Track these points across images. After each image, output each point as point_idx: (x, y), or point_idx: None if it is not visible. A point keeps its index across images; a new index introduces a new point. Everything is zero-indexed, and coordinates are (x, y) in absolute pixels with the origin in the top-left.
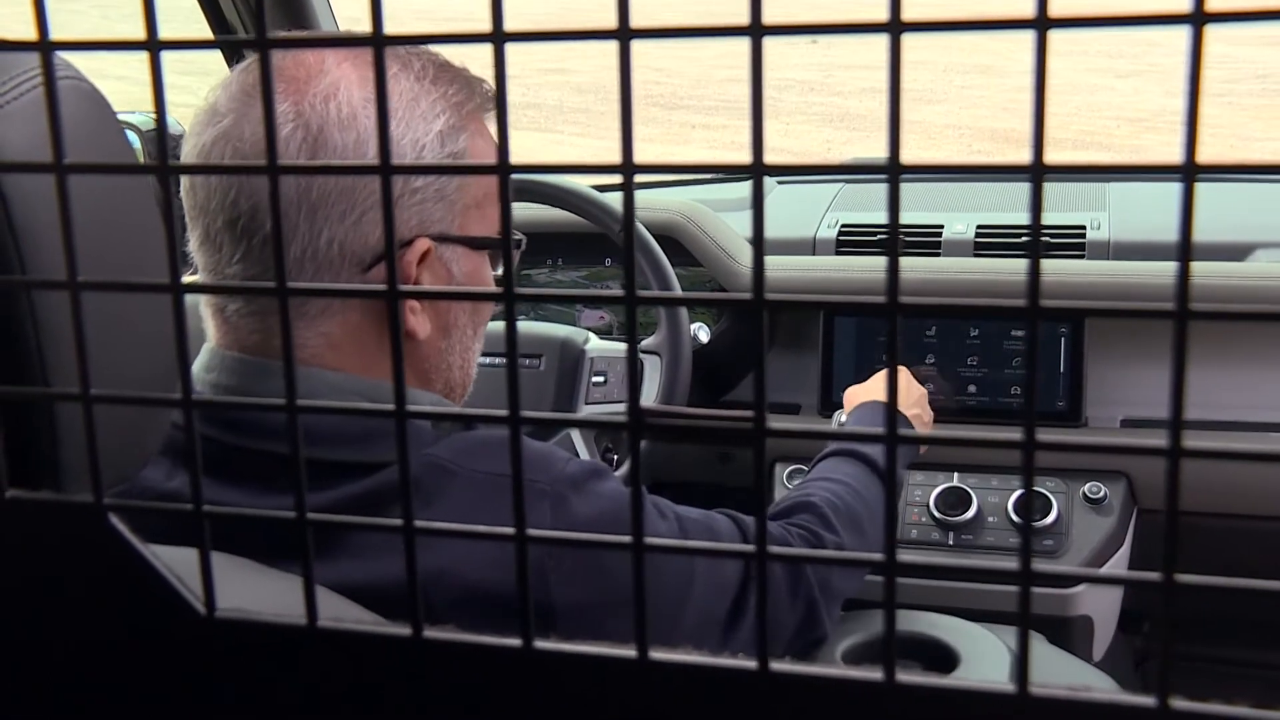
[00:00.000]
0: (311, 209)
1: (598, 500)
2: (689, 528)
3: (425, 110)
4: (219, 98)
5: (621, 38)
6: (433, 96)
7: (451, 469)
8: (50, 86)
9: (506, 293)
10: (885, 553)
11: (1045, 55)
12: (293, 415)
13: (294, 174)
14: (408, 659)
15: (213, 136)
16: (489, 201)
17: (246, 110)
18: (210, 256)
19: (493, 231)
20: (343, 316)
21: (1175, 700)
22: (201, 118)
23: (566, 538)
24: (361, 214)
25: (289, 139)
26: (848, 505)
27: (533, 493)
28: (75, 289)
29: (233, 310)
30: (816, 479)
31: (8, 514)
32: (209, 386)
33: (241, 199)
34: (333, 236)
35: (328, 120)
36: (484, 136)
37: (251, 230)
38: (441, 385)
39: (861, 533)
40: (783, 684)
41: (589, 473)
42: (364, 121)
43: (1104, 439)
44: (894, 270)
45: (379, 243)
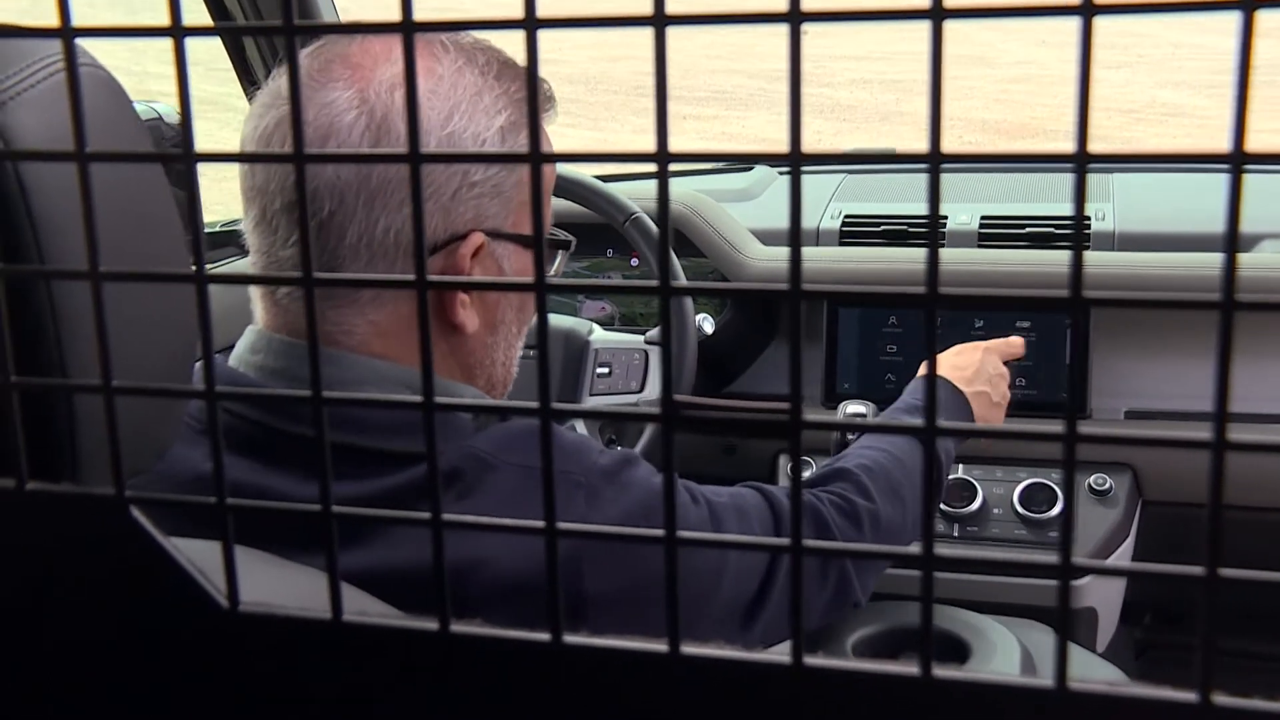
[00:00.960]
0: (370, 196)
1: (631, 490)
2: (719, 512)
3: (489, 105)
4: (282, 82)
5: (657, 24)
6: (496, 92)
7: (490, 461)
8: (73, 74)
9: (538, 283)
10: (923, 547)
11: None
12: (317, 405)
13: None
14: (435, 653)
15: (275, 119)
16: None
17: (311, 95)
18: (265, 238)
19: (548, 230)
20: (393, 306)
21: (1218, 696)
22: (264, 99)
23: (596, 531)
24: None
25: (353, 125)
26: (885, 471)
27: (567, 484)
28: (97, 280)
29: (284, 294)
30: (857, 447)
31: (28, 506)
32: (255, 369)
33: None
34: (389, 225)
35: (392, 109)
36: (543, 135)
37: (309, 214)
38: (484, 380)
39: (900, 500)
40: (818, 679)
41: (621, 463)
42: (427, 113)
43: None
44: (934, 261)
45: (434, 234)
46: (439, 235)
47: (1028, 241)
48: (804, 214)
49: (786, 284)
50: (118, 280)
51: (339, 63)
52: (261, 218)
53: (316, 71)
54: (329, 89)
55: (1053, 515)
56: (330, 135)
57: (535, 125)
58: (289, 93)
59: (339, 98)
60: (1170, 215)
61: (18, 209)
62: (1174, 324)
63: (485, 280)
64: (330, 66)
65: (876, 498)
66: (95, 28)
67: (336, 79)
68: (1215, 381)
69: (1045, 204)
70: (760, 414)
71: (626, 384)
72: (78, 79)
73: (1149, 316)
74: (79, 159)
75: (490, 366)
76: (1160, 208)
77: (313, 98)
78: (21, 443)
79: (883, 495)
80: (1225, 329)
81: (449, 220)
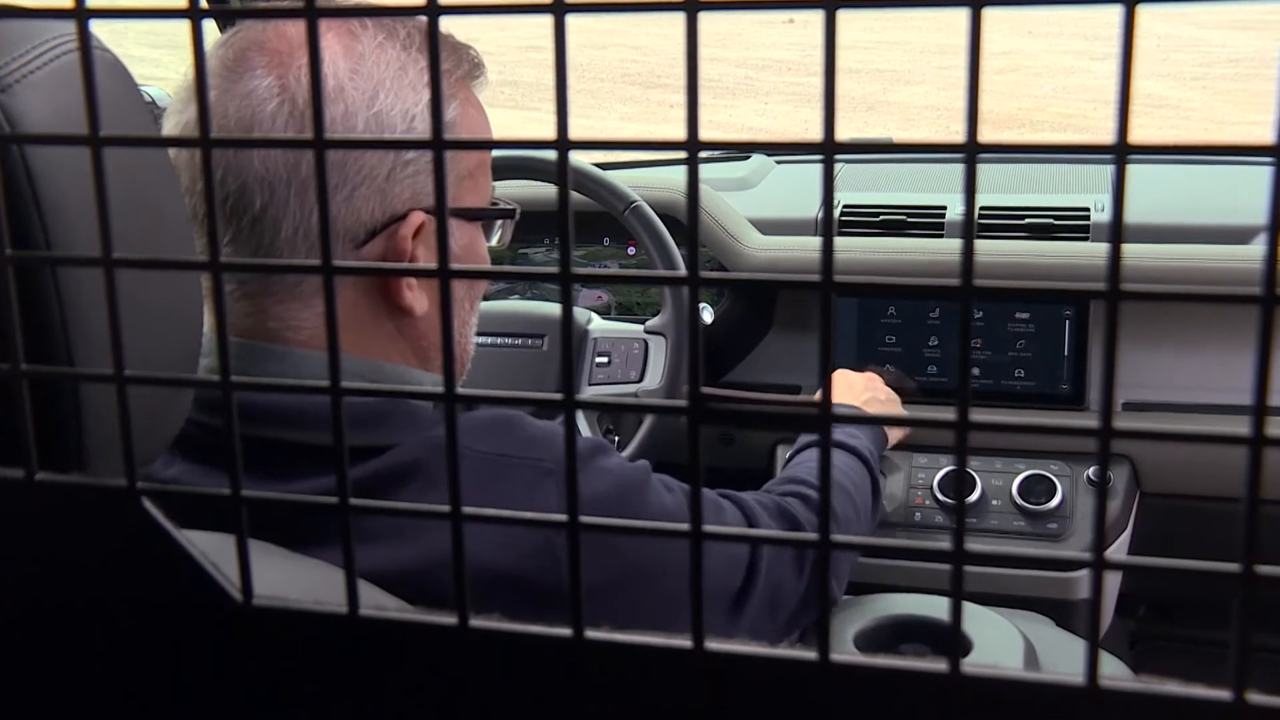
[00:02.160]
0: (302, 186)
1: (603, 476)
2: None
3: (414, 79)
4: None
5: (689, 9)
6: (420, 65)
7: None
8: (86, 56)
9: (562, 273)
10: (954, 543)
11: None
12: (336, 398)
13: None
14: (452, 648)
15: (195, 114)
16: (481, 172)
17: (229, 86)
18: (198, 237)
19: (485, 202)
20: (338, 296)
21: (1252, 695)
22: (183, 94)
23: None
24: (353, 189)
25: (275, 114)
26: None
27: (538, 471)
28: (109, 266)
29: (228, 293)
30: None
31: (37, 497)
32: (204, 371)
33: (229, 178)
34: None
35: None
36: (473, 104)
37: (240, 210)
38: (438, 364)
39: (850, 497)
40: (844, 675)
41: (592, 450)
42: (351, 94)
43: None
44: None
45: (371, 218)
46: (377, 218)
47: (1027, 232)
48: (802, 203)
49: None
50: (130, 267)
51: (255, 50)
52: (193, 217)
53: (233, 60)
54: (247, 78)
55: (1051, 507)
56: (253, 126)
57: (563, 109)
58: (310, 79)
59: (258, 86)
60: (1167, 207)
61: (24, 194)
62: (1173, 316)
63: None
64: (246, 55)
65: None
66: (110, 9)
67: (254, 67)
68: (1254, 376)
69: (1043, 195)
70: (790, 407)
71: (626, 373)
72: (91, 61)
73: (1149, 308)
74: (93, 142)
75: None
76: (1155, 199)
77: (232, 89)
78: (30, 432)
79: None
80: (1265, 323)
81: (386, 202)
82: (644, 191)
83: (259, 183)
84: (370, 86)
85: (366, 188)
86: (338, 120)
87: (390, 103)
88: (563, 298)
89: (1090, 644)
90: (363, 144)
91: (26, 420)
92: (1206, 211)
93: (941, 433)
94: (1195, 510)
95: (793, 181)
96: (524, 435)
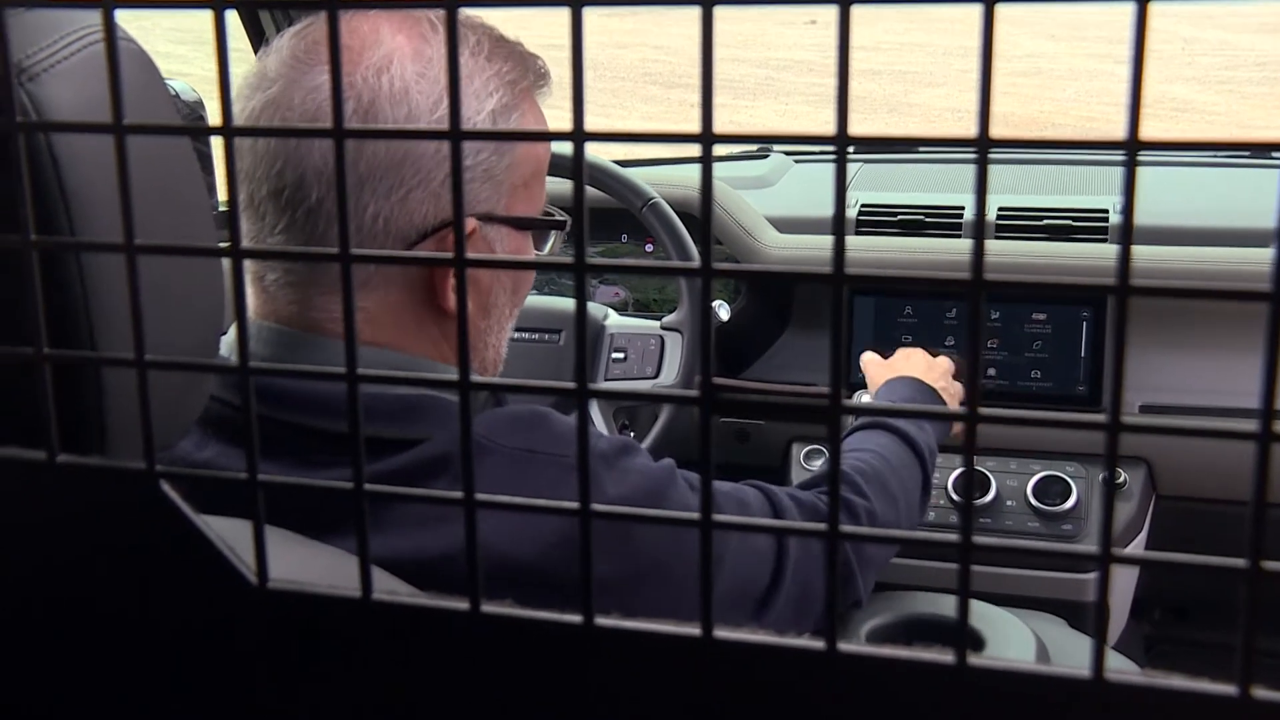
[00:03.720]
0: (358, 183)
1: (629, 476)
2: (720, 501)
3: (479, 88)
4: (269, 63)
5: (705, 3)
6: (487, 74)
7: (485, 444)
8: (111, 46)
9: (577, 263)
10: (961, 535)
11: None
12: (353, 386)
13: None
14: (465, 633)
15: (261, 103)
16: (536, 181)
17: (297, 77)
18: (253, 224)
19: (536, 212)
20: (383, 292)
21: (1258, 690)
22: (251, 81)
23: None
24: (408, 191)
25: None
26: (876, 472)
27: (564, 467)
28: (132, 252)
29: (271, 280)
30: (847, 450)
31: (58, 479)
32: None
33: (288, 169)
34: (378, 212)
35: (379, 94)
36: (535, 115)
37: (296, 201)
38: (477, 364)
39: (892, 498)
40: (852, 665)
41: (620, 449)
42: (415, 97)
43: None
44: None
45: (424, 220)
46: (429, 221)
47: (1045, 233)
48: (819, 201)
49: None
50: (152, 253)
51: (325, 45)
52: (249, 203)
53: (303, 54)
54: (316, 72)
55: (1066, 508)
56: (318, 119)
57: (579, 102)
58: (330, 69)
59: (325, 82)
60: (1182, 209)
61: (50, 181)
62: (1192, 319)
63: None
64: (317, 48)
65: (871, 496)
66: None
67: (323, 62)
68: (1263, 374)
69: (1062, 196)
70: (799, 398)
71: (642, 369)
72: (116, 51)
73: (1167, 311)
74: (116, 130)
75: (483, 350)
76: (1172, 202)
77: (299, 80)
78: (52, 415)
79: (876, 494)
80: (1275, 320)
81: (439, 206)
82: (662, 189)
83: (317, 175)
84: (436, 91)
85: (421, 190)
86: (401, 122)
87: None
88: (577, 288)
89: (1098, 637)
90: (378, 133)
91: (49, 403)
92: (1230, 215)
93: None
94: (1213, 513)
95: (810, 180)
96: (551, 431)
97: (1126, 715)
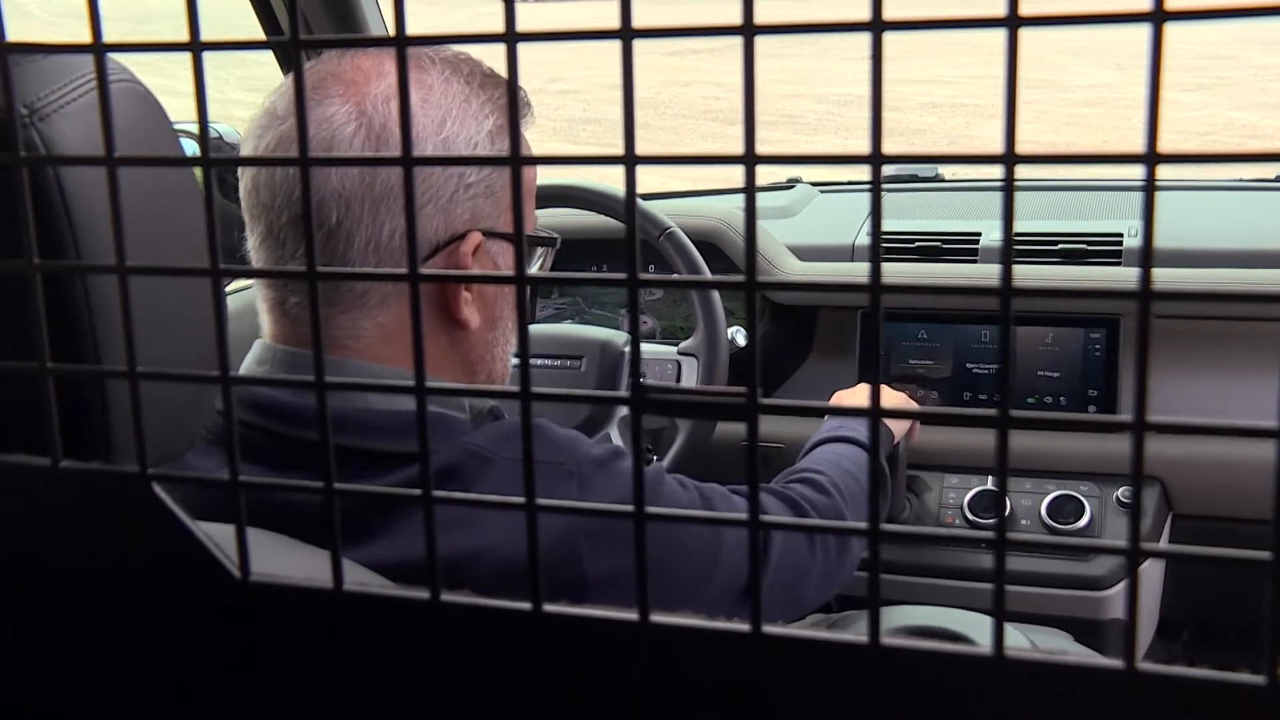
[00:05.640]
0: (375, 202)
1: (621, 479)
2: (710, 496)
3: (476, 110)
4: (276, 101)
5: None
6: (482, 99)
7: (487, 456)
8: (102, 85)
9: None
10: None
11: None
12: (321, 393)
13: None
14: (427, 621)
15: (275, 138)
16: (529, 200)
17: (308, 110)
18: (274, 252)
19: (531, 230)
20: (399, 308)
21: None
22: (261, 120)
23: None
24: (420, 208)
25: (353, 136)
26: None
27: (560, 473)
28: (124, 273)
29: (293, 304)
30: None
31: (60, 483)
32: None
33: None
34: (394, 228)
35: (390, 119)
36: (523, 140)
37: (316, 225)
38: (485, 377)
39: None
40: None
41: (611, 454)
42: (421, 120)
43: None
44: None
45: (435, 235)
46: (440, 236)
47: (1060, 258)
48: (840, 230)
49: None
50: (141, 274)
51: (332, 80)
52: (269, 233)
53: (312, 89)
54: (326, 104)
55: (1080, 526)
56: (332, 147)
57: (516, 129)
58: (294, 102)
59: (337, 112)
60: (1202, 232)
61: (58, 211)
62: (1207, 340)
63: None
64: (325, 83)
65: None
66: (123, 44)
67: (332, 95)
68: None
69: (1077, 221)
70: (719, 397)
71: None
72: (107, 89)
73: (1185, 335)
74: (108, 163)
75: (490, 363)
76: (1192, 225)
77: (311, 113)
78: (55, 425)
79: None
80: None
81: (449, 221)
82: (688, 219)
83: (335, 198)
84: (439, 115)
85: (432, 207)
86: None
87: (456, 130)
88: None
89: (1128, 628)
90: (445, 160)
91: (52, 413)
92: (1245, 236)
93: (974, 452)
94: (1231, 533)
95: (833, 210)
96: (547, 441)
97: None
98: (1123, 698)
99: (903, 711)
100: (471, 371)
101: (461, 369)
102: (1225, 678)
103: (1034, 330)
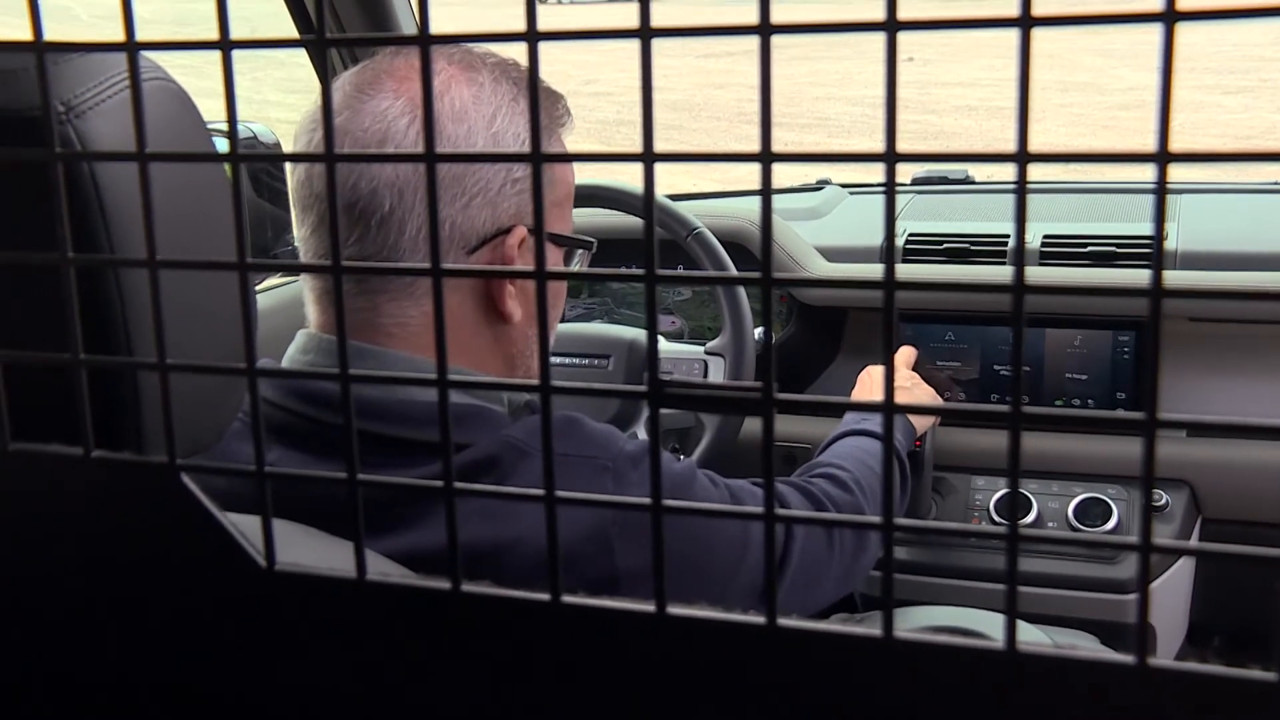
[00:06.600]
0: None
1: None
2: (739, 494)
3: (524, 108)
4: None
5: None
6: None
7: (524, 448)
8: (135, 82)
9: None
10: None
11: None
12: (345, 385)
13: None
14: (448, 611)
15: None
16: (567, 202)
17: (361, 106)
18: (323, 242)
19: (568, 232)
20: (446, 297)
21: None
22: (313, 115)
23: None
24: (470, 199)
25: (407, 129)
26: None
27: (595, 468)
28: (154, 266)
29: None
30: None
31: (93, 472)
32: (304, 368)
33: (362, 182)
34: (445, 217)
35: (442, 112)
36: (561, 145)
37: (370, 212)
38: (523, 371)
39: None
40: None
41: (646, 450)
42: (473, 115)
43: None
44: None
45: (483, 227)
46: (488, 228)
47: (1089, 260)
48: (869, 231)
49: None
50: (171, 268)
51: (386, 76)
52: (321, 223)
53: (366, 85)
54: (379, 99)
55: (1108, 529)
56: (387, 139)
57: (536, 124)
58: (321, 103)
59: (391, 105)
60: (1234, 235)
61: (93, 207)
62: (1239, 344)
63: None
64: (379, 79)
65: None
66: (154, 42)
67: (386, 90)
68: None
69: (1108, 224)
70: (735, 391)
71: None
72: (140, 87)
73: (1215, 338)
74: (140, 159)
75: (529, 358)
76: (1224, 228)
77: (365, 107)
78: (87, 415)
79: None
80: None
81: (496, 214)
82: (714, 220)
83: (389, 187)
84: (489, 111)
85: (481, 199)
86: (460, 137)
87: (505, 125)
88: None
89: (1140, 625)
90: (465, 158)
91: (84, 404)
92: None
93: (1001, 453)
94: (1263, 537)
95: (861, 211)
96: (583, 435)
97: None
98: (1134, 693)
99: (915, 704)
100: (512, 365)
101: (503, 362)
102: (1236, 674)
103: (1062, 333)
